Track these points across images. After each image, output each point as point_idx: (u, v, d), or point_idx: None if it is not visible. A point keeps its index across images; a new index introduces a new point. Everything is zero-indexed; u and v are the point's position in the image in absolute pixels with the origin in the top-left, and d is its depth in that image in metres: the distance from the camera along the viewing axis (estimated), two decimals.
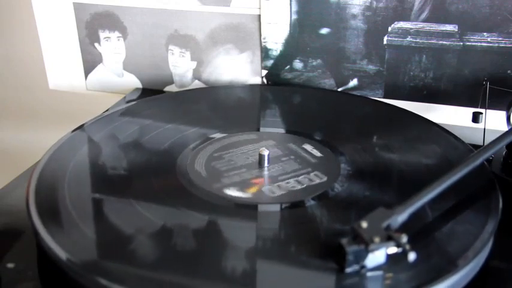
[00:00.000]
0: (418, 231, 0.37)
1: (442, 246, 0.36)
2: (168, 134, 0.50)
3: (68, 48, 0.70)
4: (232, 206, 0.40)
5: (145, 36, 0.66)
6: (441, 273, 0.33)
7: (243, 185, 0.42)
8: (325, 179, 0.43)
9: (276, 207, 0.40)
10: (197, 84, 0.67)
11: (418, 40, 0.57)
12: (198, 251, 0.35)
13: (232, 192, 0.41)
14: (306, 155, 0.47)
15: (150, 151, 0.48)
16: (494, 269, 0.37)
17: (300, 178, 0.43)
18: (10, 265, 0.37)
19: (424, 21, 0.56)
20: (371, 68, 0.59)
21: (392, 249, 0.33)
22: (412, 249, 0.31)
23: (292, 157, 0.46)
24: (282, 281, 0.33)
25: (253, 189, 0.42)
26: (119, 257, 0.35)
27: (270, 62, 0.63)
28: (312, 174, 0.44)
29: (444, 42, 0.56)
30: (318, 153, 0.47)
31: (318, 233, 0.38)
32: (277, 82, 0.63)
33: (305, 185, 0.42)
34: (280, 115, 0.56)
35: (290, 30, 0.61)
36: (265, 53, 0.62)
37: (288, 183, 0.43)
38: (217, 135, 0.50)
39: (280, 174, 0.44)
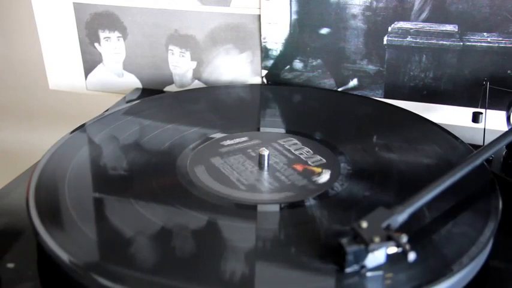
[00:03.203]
0: (418, 231, 0.37)
1: (442, 246, 0.36)
2: (168, 134, 0.50)
3: (68, 48, 0.70)
4: (232, 206, 0.40)
5: (145, 36, 0.66)
6: (441, 273, 0.33)
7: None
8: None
9: (276, 207, 0.40)
10: (197, 84, 0.67)
11: (418, 40, 0.57)
12: (198, 251, 0.35)
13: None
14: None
15: (150, 151, 0.48)
16: (494, 269, 0.37)
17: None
18: (10, 265, 0.37)
19: (424, 21, 0.56)
20: (371, 68, 0.59)
21: (392, 249, 0.33)
22: (412, 249, 0.31)
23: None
24: (282, 281, 0.33)
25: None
26: (118, 257, 0.35)
27: (270, 62, 0.63)
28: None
29: (444, 42, 0.56)
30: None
31: (318, 233, 0.37)
32: (277, 82, 0.63)
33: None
34: (280, 115, 0.56)
35: (290, 30, 0.61)
36: (265, 53, 0.62)
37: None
38: (217, 135, 0.50)
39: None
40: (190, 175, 0.44)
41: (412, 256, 0.31)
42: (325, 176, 0.43)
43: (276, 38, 0.61)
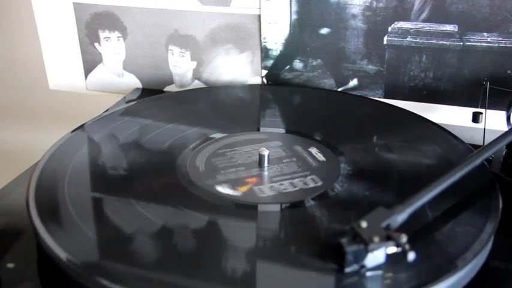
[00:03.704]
0: (418, 231, 0.37)
1: (442, 246, 0.36)
2: (168, 134, 0.50)
3: (68, 48, 0.70)
4: (232, 206, 0.40)
5: (145, 36, 0.66)
6: (441, 273, 0.33)
7: (236, 184, 0.42)
8: (320, 183, 0.43)
9: (276, 207, 0.40)
10: (197, 84, 0.67)
11: (418, 40, 0.57)
12: (198, 251, 0.35)
13: (224, 189, 0.41)
14: (306, 155, 0.47)
15: (150, 151, 0.48)
16: (494, 269, 0.37)
17: (295, 181, 0.43)
18: (10, 265, 0.37)
19: (424, 21, 0.56)
20: (371, 68, 0.59)
21: (392, 249, 0.33)
22: (412, 249, 0.31)
23: (293, 159, 0.46)
24: (281, 281, 0.33)
25: (244, 188, 0.42)
26: (118, 257, 0.35)
27: (270, 62, 0.63)
28: (308, 177, 0.44)
29: (444, 42, 0.56)
30: (318, 154, 0.47)
31: (318, 232, 0.37)
32: (277, 82, 0.63)
33: (298, 188, 0.42)
34: (280, 115, 0.56)
35: (290, 30, 0.61)
36: (265, 53, 0.62)
37: (281, 184, 0.43)
38: (217, 135, 0.50)
39: (277, 175, 0.44)
40: (190, 175, 0.44)
41: (411, 256, 0.31)
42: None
43: (276, 38, 0.61)
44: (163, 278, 0.33)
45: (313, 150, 0.48)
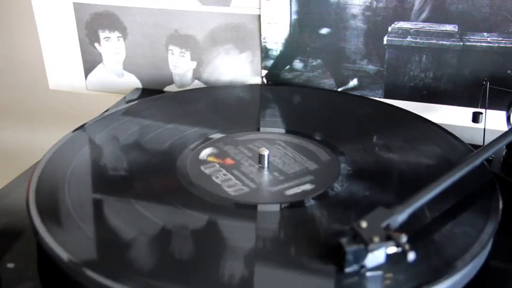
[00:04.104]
0: (418, 231, 0.37)
1: (442, 246, 0.36)
2: (168, 134, 0.50)
3: (68, 48, 0.70)
4: (232, 206, 0.40)
5: (145, 36, 0.66)
6: (441, 273, 0.33)
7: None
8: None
9: (276, 207, 0.40)
10: (197, 84, 0.67)
11: (418, 40, 0.57)
12: (198, 251, 0.35)
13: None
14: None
15: (150, 151, 0.48)
16: (494, 269, 0.37)
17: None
18: (10, 265, 0.37)
19: (424, 21, 0.56)
20: (371, 68, 0.59)
21: (392, 249, 0.33)
22: (412, 249, 0.31)
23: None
24: (282, 281, 0.33)
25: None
26: (118, 256, 0.35)
27: (270, 62, 0.63)
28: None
29: (444, 42, 0.56)
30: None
31: (318, 233, 0.38)
32: (277, 82, 0.63)
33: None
34: (280, 115, 0.56)
35: (290, 30, 0.61)
36: (265, 53, 0.62)
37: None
38: (217, 135, 0.50)
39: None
40: (190, 175, 0.44)
41: (411, 256, 0.31)
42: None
43: (276, 38, 0.61)
44: (163, 277, 0.33)
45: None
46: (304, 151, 0.47)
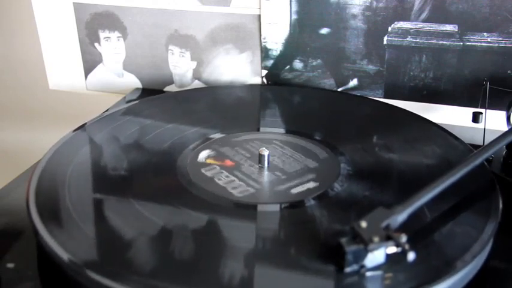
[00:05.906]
0: (418, 231, 0.37)
1: (442, 246, 0.36)
2: (168, 134, 0.50)
3: (68, 48, 0.70)
4: (232, 206, 0.40)
5: (145, 36, 0.66)
6: (441, 273, 0.33)
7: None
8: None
9: (276, 207, 0.40)
10: (197, 84, 0.67)
11: (418, 40, 0.57)
12: (198, 251, 0.35)
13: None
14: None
15: (151, 151, 0.48)
16: (494, 269, 0.37)
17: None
18: (10, 265, 0.37)
19: (424, 21, 0.56)
20: (371, 68, 0.59)
21: (392, 249, 0.33)
22: (412, 249, 0.31)
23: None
24: (281, 281, 0.33)
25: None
26: (119, 257, 0.35)
27: (270, 62, 0.63)
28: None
29: (444, 42, 0.56)
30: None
31: (318, 232, 0.38)
32: (277, 82, 0.63)
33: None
34: (280, 115, 0.56)
35: (290, 30, 0.61)
36: (265, 53, 0.62)
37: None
38: (217, 135, 0.50)
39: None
40: (190, 175, 0.44)
41: (411, 256, 0.31)
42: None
43: (276, 38, 0.61)
44: (163, 277, 0.33)
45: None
46: (303, 150, 0.47)
